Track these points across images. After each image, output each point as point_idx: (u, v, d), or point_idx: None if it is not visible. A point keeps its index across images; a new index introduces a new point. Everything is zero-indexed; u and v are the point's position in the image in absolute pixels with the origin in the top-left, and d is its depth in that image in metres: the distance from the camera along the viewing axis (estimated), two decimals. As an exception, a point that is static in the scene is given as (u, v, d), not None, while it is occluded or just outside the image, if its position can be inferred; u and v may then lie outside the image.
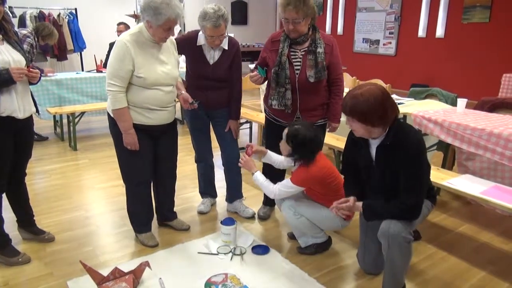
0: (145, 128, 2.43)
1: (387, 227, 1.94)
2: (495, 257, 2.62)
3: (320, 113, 2.74)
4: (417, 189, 1.91)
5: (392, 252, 1.96)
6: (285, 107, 2.68)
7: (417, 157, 1.90)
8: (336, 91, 2.72)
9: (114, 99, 2.31)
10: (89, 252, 2.60)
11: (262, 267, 2.46)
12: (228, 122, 2.88)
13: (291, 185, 2.39)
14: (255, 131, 5.14)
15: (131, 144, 2.40)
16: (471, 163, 3.27)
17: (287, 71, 2.60)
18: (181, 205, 3.23)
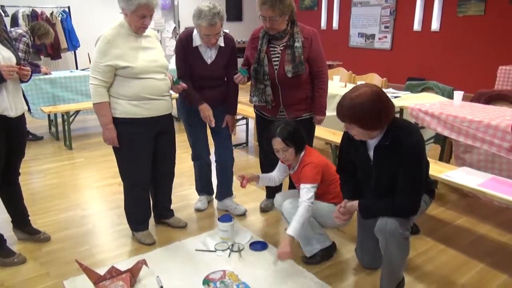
0: (145, 122, 2.41)
1: (383, 223, 1.92)
2: (493, 249, 2.62)
3: (304, 107, 2.72)
4: (415, 189, 1.89)
5: (389, 249, 1.95)
6: (265, 103, 2.68)
7: (416, 158, 1.86)
8: (319, 84, 2.69)
9: (94, 93, 2.30)
10: (85, 251, 2.58)
11: (260, 263, 2.45)
12: (225, 118, 2.86)
13: (309, 187, 2.25)
14: (251, 127, 5.11)
15: (109, 140, 2.38)
16: (468, 156, 3.26)
17: (266, 68, 2.60)
18: (178, 203, 3.21)
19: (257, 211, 3.16)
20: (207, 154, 3.01)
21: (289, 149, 2.31)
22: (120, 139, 2.40)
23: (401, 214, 1.93)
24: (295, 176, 2.45)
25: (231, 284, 2.24)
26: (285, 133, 2.29)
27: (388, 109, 1.84)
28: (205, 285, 2.23)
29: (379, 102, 1.81)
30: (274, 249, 2.59)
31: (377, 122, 1.84)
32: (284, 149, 2.31)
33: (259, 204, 3.22)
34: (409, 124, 1.96)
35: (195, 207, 3.11)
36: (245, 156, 4.49)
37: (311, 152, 2.42)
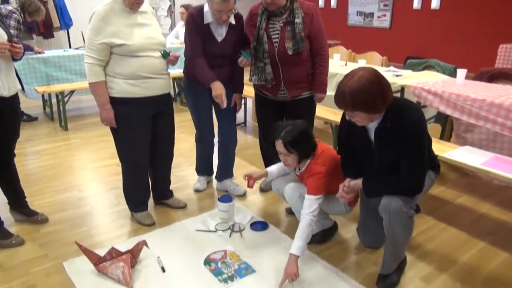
0: (142, 101, 2.34)
1: (388, 202, 1.89)
2: (493, 228, 2.62)
3: (305, 85, 2.66)
4: (419, 167, 1.85)
5: (393, 227, 1.93)
6: (265, 81, 2.61)
7: (418, 136, 1.82)
8: (320, 62, 2.62)
9: (89, 72, 2.23)
10: (84, 233, 2.55)
11: (261, 243, 2.43)
12: (233, 96, 2.79)
13: (313, 199, 2.10)
14: (250, 106, 5.05)
15: (106, 120, 2.32)
16: (469, 135, 3.23)
17: (265, 45, 2.53)
18: (177, 183, 3.18)
19: (257, 191, 3.13)
20: (213, 136, 2.93)
21: (291, 155, 2.14)
22: (117, 120, 2.34)
23: (407, 193, 1.90)
24: (301, 177, 2.33)
25: (232, 264, 2.23)
26: (288, 137, 2.09)
27: (389, 88, 1.80)
28: (206, 265, 2.22)
29: (378, 83, 1.75)
30: (274, 229, 2.58)
31: (382, 103, 1.78)
32: (286, 154, 2.14)
33: (259, 184, 3.20)
34: (408, 103, 1.92)
35: (194, 188, 3.08)
36: (243, 136, 4.44)
37: (320, 156, 2.20)
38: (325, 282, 2.08)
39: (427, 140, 1.91)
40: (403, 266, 2.15)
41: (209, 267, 2.21)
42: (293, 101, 2.67)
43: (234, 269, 2.19)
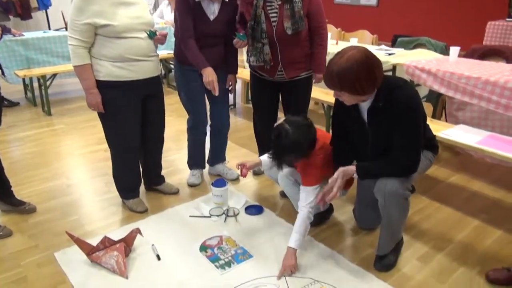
0: (131, 85, 2.25)
1: (383, 184, 1.87)
2: (487, 206, 2.64)
3: (303, 65, 2.59)
4: (413, 146, 1.82)
5: (389, 209, 1.91)
6: (264, 62, 2.53)
7: (411, 113, 1.78)
8: (319, 41, 2.55)
9: (73, 54, 2.12)
10: (74, 222, 2.48)
11: (257, 227, 2.40)
12: (228, 77, 2.71)
13: (310, 190, 2.06)
14: (239, 87, 4.96)
15: (93, 105, 2.22)
16: (461, 113, 3.23)
17: (263, 25, 2.43)
18: (168, 168, 3.11)
19: (250, 174, 3.09)
20: (206, 122, 2.82)
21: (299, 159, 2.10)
22: (105, 104, 2.24)
23: (401, 173, 1.87)
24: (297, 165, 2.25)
25: (229, 250, 2.20)
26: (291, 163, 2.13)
27: (376, 69, 1.73)
28: (202, 252, 2.18)
29: (368, 64, 1.70)
30: (270, 213, 2.55)
31: (368, 85, 1.74)
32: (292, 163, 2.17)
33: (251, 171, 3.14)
34: (401, 81, 1.86)
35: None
36: (233, 118, 4.36)
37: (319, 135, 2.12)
38: (322, 265, 2.07)
39: (422, 118, 1.87)
40: (399, 247, 2.15)
41: (205, 253, 2.17)
42: (290, 82, 2.60)
43: (231, 254, 2.16)
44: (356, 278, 1.98)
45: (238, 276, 1.99)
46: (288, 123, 1.98)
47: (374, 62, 1.73)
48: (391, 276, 2.01)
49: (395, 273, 2.03)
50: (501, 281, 1.93)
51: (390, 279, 1.98)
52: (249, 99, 4.93)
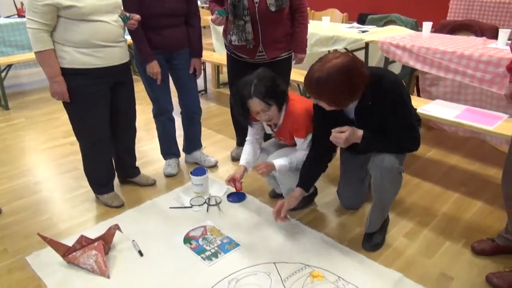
0: (98, 73, 2.09)
1: (380, 159, 1.83)
2: (465, 178, 2.68)
3: (284, 45, 2.52)
4: (411, 127, 1.80)
5: (384, 184, 1.87)
6: (246, 42, 2.42)
7: (401, 99, 1.75)
8: (300, 19, 2.48)
9: (34, 39, 1.93)
10: (45, 222, 2.32)
11: (241, 215, 2.33)
12: (192, 61, 2.57)
13: (307, 141, 2.09)
14: (209, 72, 4.82)
15: (58, 94, 2.05)
16: (434, 89, 3.26)
17: (245, 1, 2.32)
18: (141, 159, 2.97)
19: (229, 160, 3.00)
20: (172, 108, 2.69)
21: (271, 108, 2.00)
22: (71, 93, 2.08)
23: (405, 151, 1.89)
24: (281, 132, 2.21)
25: (214, 240, 2.12)
26: (263, 90, 1.94)
27: (360, 82, 1.65)
28: (186, 244, 2.09)
29: (350, 76, 1.60)
30: (252, 199, 2.48)
31: (345, 99, 1.68)
32: (265, 109, 1.99)
33: (229, 153, 3.06)
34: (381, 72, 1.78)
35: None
36: (205, 104, 4.23)
37: (294, 99, 2.12)
38: (311, 249, 2.03)
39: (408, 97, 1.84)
40: (386, 225, 2.14)
41: (190, 245, 2.08)
42: (271, 63, 2.50)
43: (217, 244, 2.08)
44: (346, 260, 1.95)
45: (227, 267, 1.92)
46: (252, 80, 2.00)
47: (356, 74, 1.62)
48: (380, 254, 2.00)
49: (384, 251, 2.03)
50: (487, 252, 1.96)
51: (379, 258, 1.97)
52: (221, 84, 4.81)
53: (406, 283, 1.80)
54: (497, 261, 1.92)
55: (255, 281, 1.83)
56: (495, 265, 1.89)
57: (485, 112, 2.53)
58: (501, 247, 1.93)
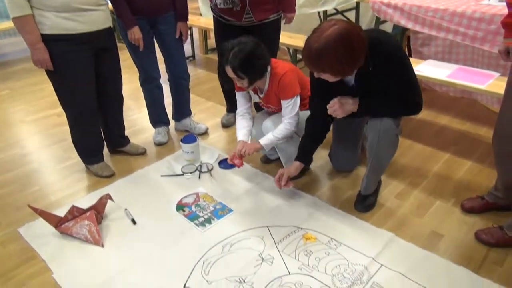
0: (81, 38, 2.01)
1: (377, 122, 1.81)
2: (455, 138, 2.69)
3: (271, 6, 2.43)
4: (414, 88, 1.74)
5: (381, 146, 1.86)
6: (232, 4, 2.33)
7: (402, 62, 1.70)
8: None
9: (11, 4, 1.84)
10: (36, 193, 2.30)
11: (233, 181, 2.33)
12: (178, 26, 2.48)
13: (292, 101, 2.04)
14: (196, 37, 4.70)
15: (40, 62, 1.98)
16: (426, 49, 3.21)
17: None
18: (131, 128, 2.93)
19: (219, 127, 2.97)
20: (158, 75, 2.63)
21: (243, 80, 1.97)
22: (53, 61, 2.00)
23: (408, 113, 1.87)
24: (267, 98, 2.17)
25: (207, 206, 2.12)
26: (236, 62, 1.90)
27: (360, 48, 1.58)
28: (179, 211, 2.09)
29: (349, 43, 1.53)
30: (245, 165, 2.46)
31: (348, 67, 1.61)
32: (237, 79, 1.98)
33: (220, 119, 3.03)
34: (377, 33, 1.72)
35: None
36: (194, 71, 4.15)
37: (277, 62, 2.11)
38: (304, 212, 2.04)
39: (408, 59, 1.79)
40: (378, 187, 2.15)
41: (183, 212, 2.08)
42: (259, 26, 2.43)
43: (210, 211, 2.08)
44: (338, 222, 1.97)
45: (221, 232, 1.93)
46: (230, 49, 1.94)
47: (356, 40, 1.55)
48: (372, 215, 2.03)
49: (375, 212, 2.05)
50: (476, 209, 1.99)
51: (371, 219, 2.00)
52: (209, 49, 4.70)
53: (397, 242, 1.83)
54: (486, 218, 1.95)
55: (249, 245, 1.84)
56: (484, 222, 1.93)
57: (476, 71, 2.51)
58: (490, 204, 1.96)
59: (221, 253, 1.81)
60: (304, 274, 1.68)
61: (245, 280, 1.66)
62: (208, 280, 1.67)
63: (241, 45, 1.93)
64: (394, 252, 1.77)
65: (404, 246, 1.81)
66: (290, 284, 1.64)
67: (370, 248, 1.80)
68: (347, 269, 1.70)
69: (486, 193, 1.99)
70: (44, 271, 1.76)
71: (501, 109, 1.74)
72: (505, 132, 1.72)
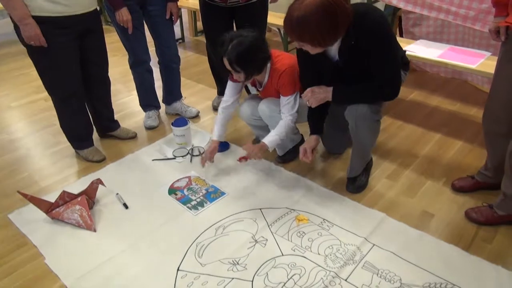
0: (66, 21, 1.95)
1: (354, 108, 1.80)
2: (446, 119, 2.70)
3: None
4: (393, 70, 1.72)
5: (360, 132, 1.87)
6: None
7: (385, 38, 1.65)
8: None
9: None
10: (25, 179, 2.27)
11: (225, 164, 2.32)
12: (168, 6, 2.42)
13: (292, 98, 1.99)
14: (186, 20, 4.61)
15: (33, 38, 1.90)
16: (417, 29, 3.19)
17: None
18: (120, 112, 2.89)
19: (210, 110, 2.94)
20: (149, 58, 2.58)
21: (240, 73, 1.89)
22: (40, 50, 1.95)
23: (384, 98, 1.83)
24: (266, 92, 2.12)
25: (199, 189, 2.11)
26: (233, 54, 1.82)
27: (342, 17, 1.54)
28: (171, 195, 2.08)
29: (331, 11, 1.50)
30: (236, 148, 2.46)
31: (331, 37, 1.57)
32: (233, 71, 1.90)
33: (211, 102, 3.00)
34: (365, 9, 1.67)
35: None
36: (183, 53, 4.07)
37: (278, 55, 2.03)
38: (296, 194, 2.05)
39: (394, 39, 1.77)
40: (369, 168, 2.17)
41: (175, 196, 2.08)
42: (245, 7, 2.38)
43: (202, 194, 2.08)
44: (330, 203, 1.98)
45: (213, 215, 1.93)
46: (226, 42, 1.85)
47: (337, 9, 1.51)
48: (363, 196, 2.04)
49: (367, 193, 2.06)
50: (466, 189, 2.01)
51: (363, 199, 2.01)
52: (199, 32, 4.63)
53: (389, 222, 1.85)
54: (476, 197, 1.97)
55: (242, 227, 1.85)
56: (474, 201, 1.95)
57: (467, 51, 2.50)
58: (480, 183, 1.99)
59: (214, 235, 1.81)
60: (297, 255, 1.69)
61: (239, 262, 1.67)
62: (202, 262, 1.67)
63: (241, 38, 1.84)
64: (385, 232, 1.79)
65: (396, 225, 1.83)
66: (283, 265, 1.65)
67: (362, 228, 1.81)
68: (339, 249, 1.71)
69: (476, 172, 2.01)
70: (36, 257, 1.75)
71: (491, 89, 1.74)
72: (494, 112, 1.73)
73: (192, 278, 1.61)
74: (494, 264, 1.61)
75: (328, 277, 1.58)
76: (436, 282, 1.55)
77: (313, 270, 1.62)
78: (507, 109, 1.68)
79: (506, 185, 1.71)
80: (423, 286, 1.54)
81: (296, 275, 1.60)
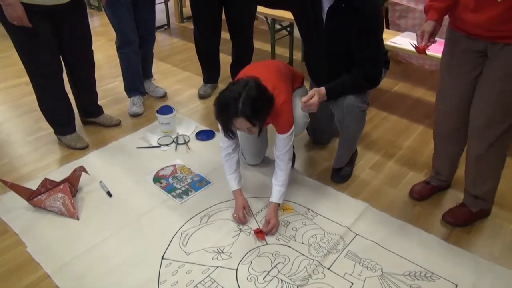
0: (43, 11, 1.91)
1: (341, 99, 1.82)
2: (429, 111, 2.73)
3: None
4: (377, 57, 1.76)
5: (347, 122, 1.88)
6: None
7: (373, 21, 1.70)
8: None
9: None
10: (6, 166, 2.22)
11: (210, 152, 2.31)
12: None
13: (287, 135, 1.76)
14: (171, 5, 4.53)
15: (15, 19, 1.84)
16: (403, 21, 3.21)
17: None
18: (105, 98, 2.84)
19: (196, 98, 2.92)
20: (136, 39, 2.53)
21: (254, 128, 1.63)
22: (18, 30, 1.89)
23: (367, 87, 1.85)
24: None
25: (184, 178, 2.11)
26: (248, 110, 1.54)
27: None
28: (156, 183, 2.07)
29: None
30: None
31: None
32: (250, 128, 1.63)
33: (196, 90, 2.97)
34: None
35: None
36: (168, 40, 4.02)
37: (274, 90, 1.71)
38: (283, 183, 2.06)
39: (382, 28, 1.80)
40: (354, 158, 2.19)
41: (160, 184, 2.06)
42: None
43: (187, 183, 2.07)
44: (314, 192, 2.00)
45: (198, 203, 1.93)
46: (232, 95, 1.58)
47: None
48: (347, 186, 2.06)
49: (351, 183, 2.09)
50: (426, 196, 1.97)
51: (347, 189, 2.04)
52: (185, 18, 4.56)
53: (372, 211, 1.88)
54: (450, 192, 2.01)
55: (227, 216, 1.85)
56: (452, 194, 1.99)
57: (452, 44, 2.53)
58: (436, 187, 1.97)
59: (199, 224, 1.81)
60: (281, 244, 1.71)
61: (223, 251, 1.68)
62: (186, 251, 1.68)
63: (245, 91, 1.57)
64: (368, 222, 1.82)
65: (378, 215, 1.86)
66: (267, 254, 1.66)
67: (346, 218, 1.84)
68: (323, 238, 1.73)
69: (429, 177, 2.00)
70: (17, 245, 1.73)
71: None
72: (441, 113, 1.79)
73: (177, 266, 1.61)
74: (472, 254, 1.66)
75: (312, 265, 1.60)
76: (416, 270, 1.59)
77: (297, 259, 1.64)
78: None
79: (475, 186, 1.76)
80: (403, 274, 1.57)
81: (280, 263, 1.62)
